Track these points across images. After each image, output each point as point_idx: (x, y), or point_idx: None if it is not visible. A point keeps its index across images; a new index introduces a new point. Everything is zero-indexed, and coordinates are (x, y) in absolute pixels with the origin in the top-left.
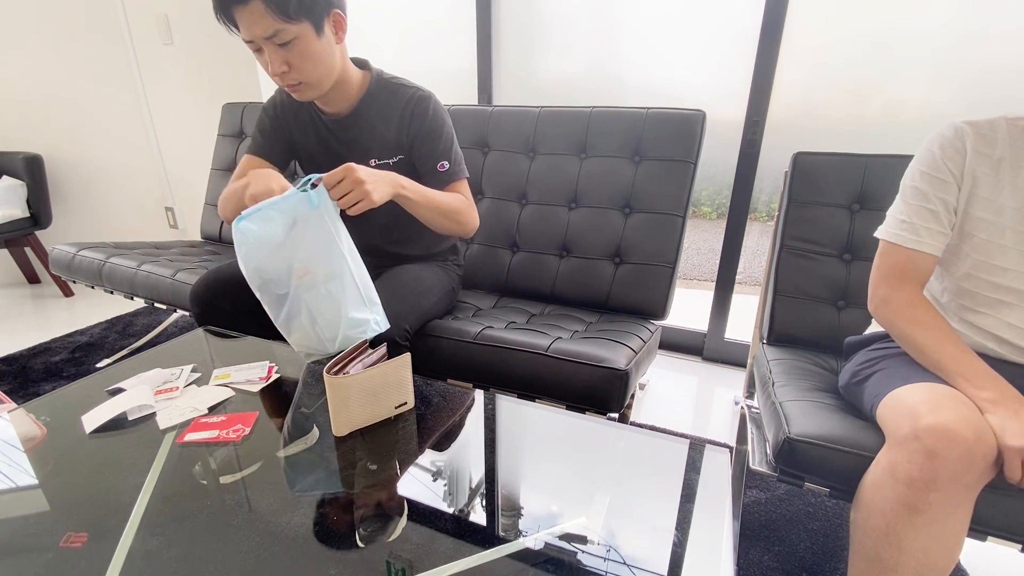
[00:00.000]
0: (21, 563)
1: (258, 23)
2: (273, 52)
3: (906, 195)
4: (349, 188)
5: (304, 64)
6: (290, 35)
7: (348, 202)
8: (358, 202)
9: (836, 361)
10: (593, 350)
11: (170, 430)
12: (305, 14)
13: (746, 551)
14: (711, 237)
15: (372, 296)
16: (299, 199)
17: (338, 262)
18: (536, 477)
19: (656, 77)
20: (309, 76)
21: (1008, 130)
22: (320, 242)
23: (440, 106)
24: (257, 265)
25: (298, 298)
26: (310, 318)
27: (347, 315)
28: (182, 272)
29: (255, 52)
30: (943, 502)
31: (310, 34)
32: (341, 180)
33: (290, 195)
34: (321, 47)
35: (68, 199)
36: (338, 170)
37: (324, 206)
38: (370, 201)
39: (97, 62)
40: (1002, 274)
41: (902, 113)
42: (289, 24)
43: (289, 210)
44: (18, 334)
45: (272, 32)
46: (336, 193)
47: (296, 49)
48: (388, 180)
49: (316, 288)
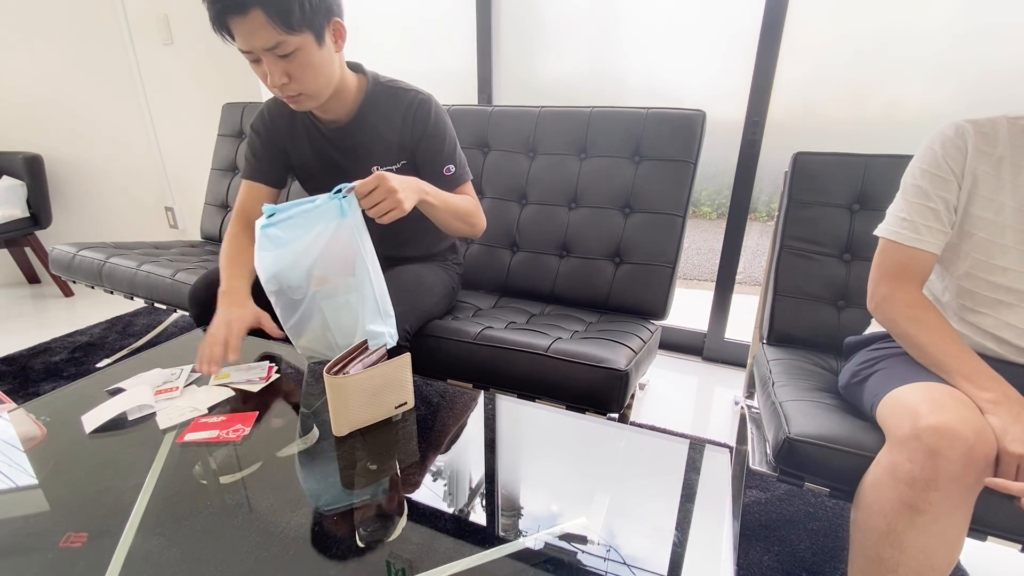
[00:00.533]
0: (21, 563)
1: (258, 34)
2: (273, 64)
3: (907, 193)
4: (383, 197)
5: (305, 75)
6: (291, 47)
7: (380, 211)
8: (390, 211)
9: (836, 361)
10: (593, 350)
11: (170, 430)
12: (307, 25)
13: (746, 551)
14: (711, 237)
15: (388, 309)
16: (330, 207)
17: (361, 275)
18: (536, 477)
19: (656, 77)
20: (309, 87)
21: (1009, 129)
22: (345, 252)
23: (441, 109)
24: (276, 271)
25: (314, 305)
26: (324, 325)
27: (364, 327)
28: (182, 272)
29: (252, 63)
30: (943, 502)
31: (311, 45)
32: (374, 189)
33: (321, 203)
34: (322, 57)
35: (68, 199)
36: (371, 179)
37: (354, 216)
38: (402, 210)
39: (97, 62)
40: (1002, 274)
41: (902, 113)
42: (291, 36)
43: (318, 218)
44: (18, 334)
45: (274, 44)
46: (368, 202)
47: (297, 60)
48: (415, 187)
49: (336, 298)
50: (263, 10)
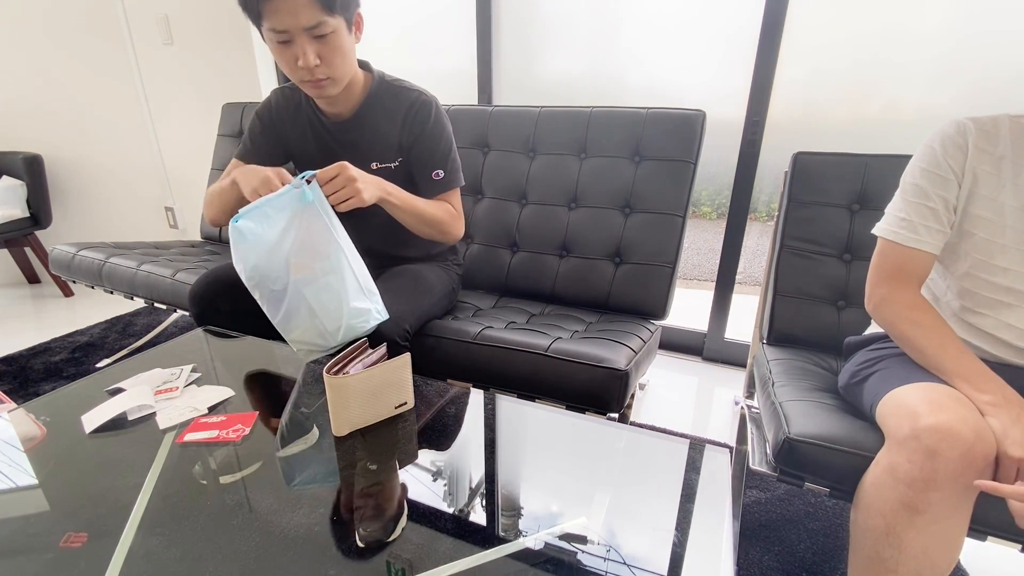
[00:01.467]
0: (21, 563)
1: (302, 12)
2: (308, 44)
3: (906, 192)
4: (342, 184)
5: (335, 58)
6: (330, 28)
7: (339, 198)
8: (349, 199)
9: (836, 361)
10: (593, 350)
11: (170, 430)
12: (343, 9)
13: (746, 551)
14: (711, 237)
15: (370, 286)
16: (294, 195)
17: (336, 255)
18: (536, 477)
19: (656, 77)
20: (337, 71)
21: (1011, 128)
22: (317, 235)
23: (442, 112)
24: (254, 263)
25: (298, 293)
26: (310, 312)
27: (349, 305)
28: (182, 272)
29: (280, 44)
30: (943, 502)
31: (344, 29)
32: (335, 176)
33: (285, 192)
34: (350, 44)
35: (68, 199)
36: (332, 167)
37: (319, 200)
38: (360, 199)
39: (97, 62)
40: (1002, 274)
41: (902, 113)
42: (330, 17)
43: (285, 206)
44: (18, 334)
45: (315, 23)
46: (329, 189)
47: (331, 43)
48: (376, 183)
49: (316, 282)
50: None
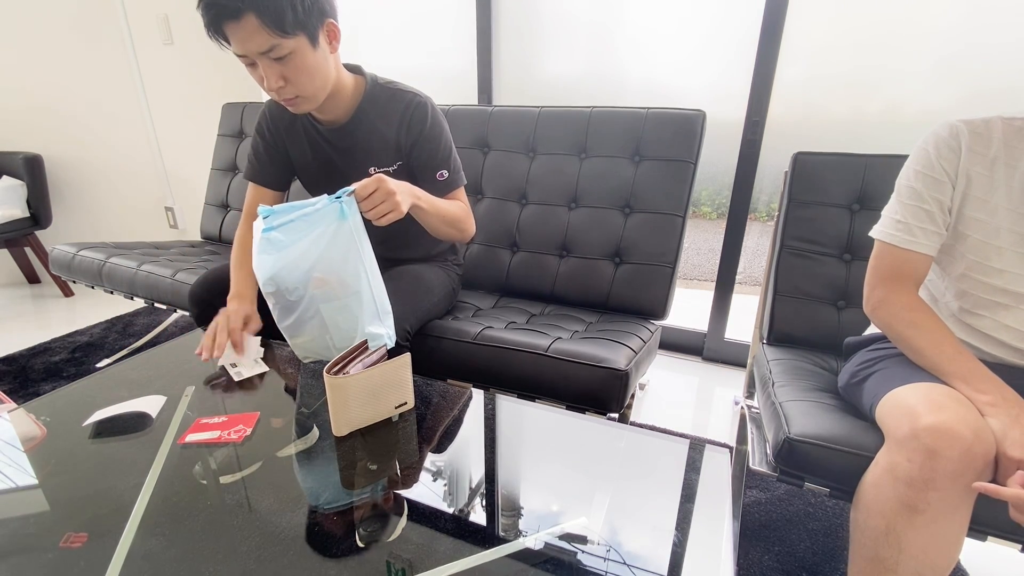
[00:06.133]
0: (21, 563)
1: (252, 38)
2: (268, 67)
3: (901, 194)
4: (382, 199)
5: (300, 78)
6: (286, 49)
7: (379, 213)
8: (388, 213)
9: (836, 361)
10: (593, 350)
11: (170, 431)
12: (300, 27)
13: (746, 551)
14: (711, 237)
15: (386, 306)
16: (330, 210)
17: (360, 277)
18: (536, 477)
19: (656, 77)
20: (305, 89)
21: (1003, 129)
22: (345, 255)
23: (438, 112)
24: (275, 273)
25: (313, 307)
26: (322, 327)
27: (364, 329)
28: (182, 272)
29: (248, 66)
30: (943, 501)
31: (306, 47)
32: (374, 191)
33: (321, 206)
34: (317, 59)
35: (68, 199)
36: (371, 181)
37: (353, 219)
38: (399, 212)
39: (97, 62)
40: (998, 276)
41: (902, 113)
42: (285, 39)
43: (319, 221)
44: (18, 334)
45: (268, 47)
46: (368, 204)
47: (292, 63)
48: (408, 191)
49: (335, 301)
50: (256, 14)
